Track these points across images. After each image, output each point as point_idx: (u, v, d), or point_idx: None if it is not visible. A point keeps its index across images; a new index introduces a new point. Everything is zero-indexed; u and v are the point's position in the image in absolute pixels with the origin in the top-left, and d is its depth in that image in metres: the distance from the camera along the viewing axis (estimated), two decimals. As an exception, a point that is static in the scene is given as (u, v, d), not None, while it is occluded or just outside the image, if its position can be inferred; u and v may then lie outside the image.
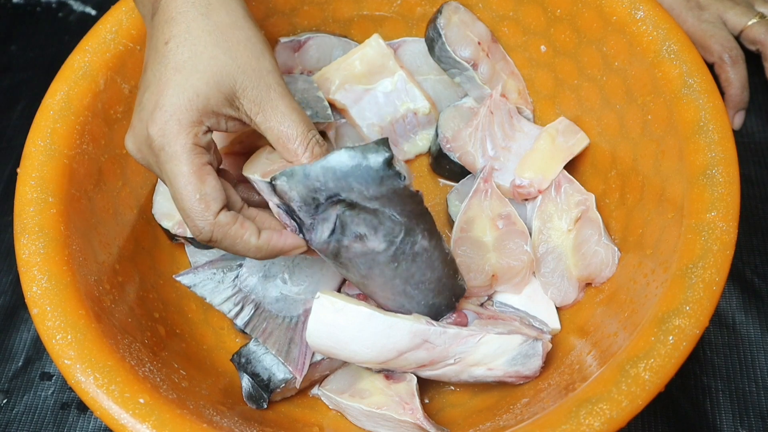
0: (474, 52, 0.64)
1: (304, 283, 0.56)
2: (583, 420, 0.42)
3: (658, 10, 0.55)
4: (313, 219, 0.45)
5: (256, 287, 0.55)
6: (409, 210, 0.45)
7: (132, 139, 0.46)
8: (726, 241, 0.46)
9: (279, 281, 0.56)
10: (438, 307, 0.52)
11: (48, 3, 0.87)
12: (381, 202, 0.44)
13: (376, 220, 0.45)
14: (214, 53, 0.44)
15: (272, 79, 0.45)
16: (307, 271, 0.56)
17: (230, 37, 0.45)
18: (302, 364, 0.54)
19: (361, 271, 0.48)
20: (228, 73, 0.44)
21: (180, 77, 0.43)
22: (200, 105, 0.43)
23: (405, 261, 0.47)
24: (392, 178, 0.43)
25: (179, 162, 0.43)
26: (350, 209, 0.44)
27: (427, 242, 0.48)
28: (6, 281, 0.69)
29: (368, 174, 0.43)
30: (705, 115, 0.50)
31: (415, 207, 0.45)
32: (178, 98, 0.43)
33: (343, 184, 0.43)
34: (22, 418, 0.62)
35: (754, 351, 0.61)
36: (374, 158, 0.42)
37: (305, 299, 0.55)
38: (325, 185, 0.43)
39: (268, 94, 0.45)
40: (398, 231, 0.46)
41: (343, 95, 0.65)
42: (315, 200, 0.44)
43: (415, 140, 0.67)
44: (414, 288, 0.49)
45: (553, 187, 0.60)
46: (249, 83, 0.44)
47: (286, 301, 0.55)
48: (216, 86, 0.44)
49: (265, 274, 0.56)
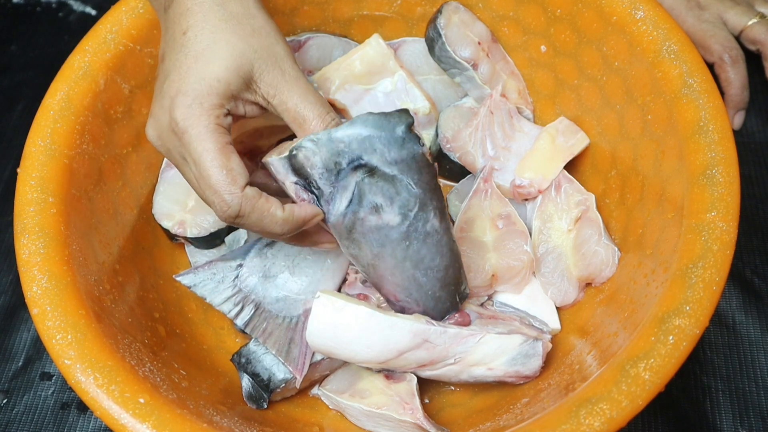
0: (474, 52, 0.64)
1: (304, 283, 0.56)
2: (583, 420, 0.42)
3: (658, 10, 0.55)
4: (333, 188, 0.46)
5: (256, 287, 0.55)
6: (425, 181, 0.47)
7: (153, 126, 0.47)
8: (726, 241, 0.46)
9: (279, 281, 0.56)
10: (443, 301, 0.52)
11: (48, 3, 0.87)
12: (400, 168, 0.46)
13: (393, 189, 0.47)
14: (231, 40, 0.45)
15: (287, 63, 0.47)
16: (307, 271, 0.56)
17: (245, 26, 0.46)
18: (302, 364, 0.54)
19: (373, 249, 0.49)
20: (246, 58, 0.46)
21: (200, 65, 0.45)
22: (221, 90, 0.45)
23: (416, 240, 0.49)
24: (413, 142, 0.46)
25: (204, 140, 0.44)
26: (370, 176, 0.46)
27: (438, 223, 0.49)
28: (6, 281, 0.69)
29: (391, 136, 0.45)
30: (705, 115, 0.50)
31: (430, 179, 0.48)
32: (200, 84, 0.45)
33: (367, 145, 0.45)
34: (22, 418, 0.62)
35: (754, 351, 0.61)
36: (397, 121, 0.46)
37: (305, 299, 0.55)
38: (349, 146, 0.45)
39: (284, 77, 0.47)
40: (413, 204, 0.47)
41: (343, 95, 0.65)
42: (337, 165, 0.46)
43: (415, 140, 0.67)
44: (423, 274, 0.50)
45: (553, 187, 0.60)
46: (265, 67, 0.46)
47: (286, 301, 0.55)
48: (235, 71, 0.45)
49: (265, 274, 0.56)
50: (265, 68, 0.46)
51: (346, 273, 0.57)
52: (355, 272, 0.57)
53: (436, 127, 0.66)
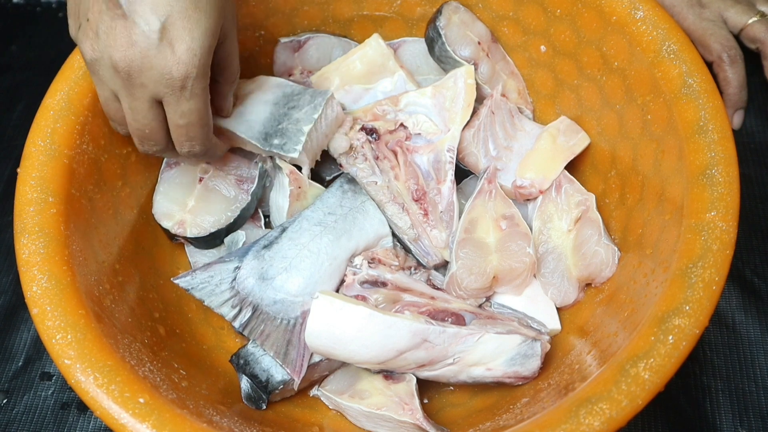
0: (474, 52, 0.64)
1: (302, 285, 0.56)
2: (582, 419, 0.42)
3: (658, 10, 0.55)
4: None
5: (254, 289, 0.56)
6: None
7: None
8: (726, 240, 0.46)
9: (276, 283, 0.56)
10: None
11: (48, 3, 0.87)
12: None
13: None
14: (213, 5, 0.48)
15: (233, 23, 0.52)
16: (304, 273, 0.56)
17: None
18: (300, 366, 0.54)
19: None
20: (220, 16, 0.49)
21: (197, 25, 0.48)
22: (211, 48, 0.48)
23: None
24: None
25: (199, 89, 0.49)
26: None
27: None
28: (6, 281, 0.69)
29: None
30: (705, 114, 0.50)
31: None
32: (204, 46, 0.48)
33: None
34: (22, 418, 0.62)
35: (754, 351, 0.61)
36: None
37: (303, 301, 0.55)
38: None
39: (233, 32, 0.52)
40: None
41: (343, 95, 0.65)
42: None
43: (415, 140, 0.67)
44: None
45: (554, 187, 0.60)
46: (228, 26, 0.51)
47: (283, 303, 0.55)
48: (217, 28, 0.49)
49: (262, 276, 0.56)
50: (228, 26, 0.51)
51: (344, 275, 0.57)
52: (353, 274, 0.57)
53: (436, 127, 0.66)
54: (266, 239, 0.58)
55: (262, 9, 0.65)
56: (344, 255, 0.57)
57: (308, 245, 0.57)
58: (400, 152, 0.62)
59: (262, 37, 0.67)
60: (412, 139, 0.62)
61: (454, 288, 0.58)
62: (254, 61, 0.68)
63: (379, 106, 0.63)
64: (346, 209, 0.59)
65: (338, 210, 0.59)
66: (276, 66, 0.68)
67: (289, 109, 0.59)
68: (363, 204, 0.59)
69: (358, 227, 0.58)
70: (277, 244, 0.57)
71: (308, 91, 0.59)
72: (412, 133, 0.62)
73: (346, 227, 0.58)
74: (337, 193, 0.60)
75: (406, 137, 0.62)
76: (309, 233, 0.57)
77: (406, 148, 0.62)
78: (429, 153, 0.62)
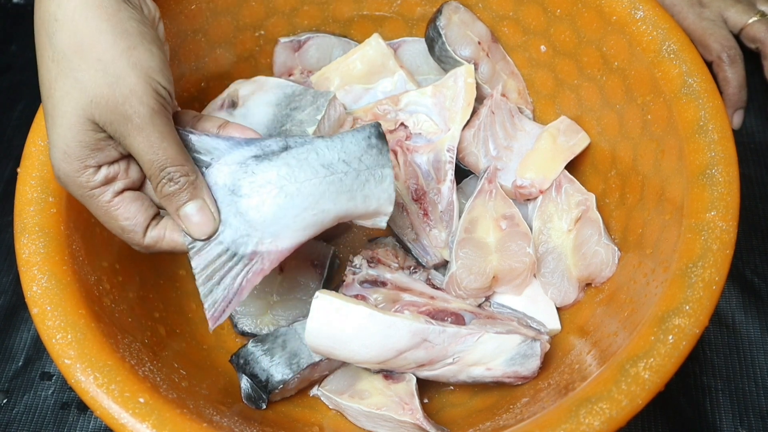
0: (474, 52, 0.64)
1: (268, 219, 0.48)
2: (582, 419, 0.42)
3: (658, 9, 0.55)
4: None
5: (216, 197, 0.48)
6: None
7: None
8: (726, 240, 0.46)
9: (243, 203, 0.48)
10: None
11: (48, 3, 0.87)
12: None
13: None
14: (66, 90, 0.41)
15: (130, 106, 0.42)
16: (278, 211, 0.48)
17: (79, 64, 0.41)
18: (220, 311, 0.47)
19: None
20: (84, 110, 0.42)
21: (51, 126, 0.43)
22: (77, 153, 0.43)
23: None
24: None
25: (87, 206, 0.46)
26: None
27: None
28: (6, 281, 0.69)
29: None
30: (705, 114, 0.50)
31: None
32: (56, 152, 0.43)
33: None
34: (22, 418, 0.62)
35: (754, 351, 0.61)
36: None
37: (259, 240, 0.47)
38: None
39: (126, 128, 0.42)
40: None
41: (343, 95, 0.65)
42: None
43: (415, 140, 0.67)
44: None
45: (554, 187, 0.60)
46: (106, 117, 0.42)
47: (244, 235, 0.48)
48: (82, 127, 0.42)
49: (234, 188, 0.48)
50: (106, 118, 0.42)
51: (341, 271, 0.55)
52: (353, 273, 0.57)
53: (436, 126, 0.66)
54: (261, 148, 0.48)
55: (262, 9, 0.65)
56: (333, 213, 0.49)
57: (303, 185, 0.48)
58: (400, 152, 0.62)
59: (262, 37, 0.67)
60: (412, 139, 0.62)
61: (454, 288, 0.58)
62: (254, 61, 0.68)
63: (379, 106, 0.63)
64: (363, 166, 0.50)
65: (354, 163, 0.49)
66: (276, 66, 0.68)
67: (291, 111, 0.58)
68: (382, 169, 0.50)
69: (365, 192, 0.50)
70: (269, 161, 0.48)
71: (309, 92, 0.59)
72: (412, 133, 0.62)
73: (354, 186, 0.49)
74: (362, 143, 0.50)
75: (406, 137, 0.62)
76: (311, 170, 0.48)
77: (406, 147, 0.62)
78: (429, 152, 0.62)
